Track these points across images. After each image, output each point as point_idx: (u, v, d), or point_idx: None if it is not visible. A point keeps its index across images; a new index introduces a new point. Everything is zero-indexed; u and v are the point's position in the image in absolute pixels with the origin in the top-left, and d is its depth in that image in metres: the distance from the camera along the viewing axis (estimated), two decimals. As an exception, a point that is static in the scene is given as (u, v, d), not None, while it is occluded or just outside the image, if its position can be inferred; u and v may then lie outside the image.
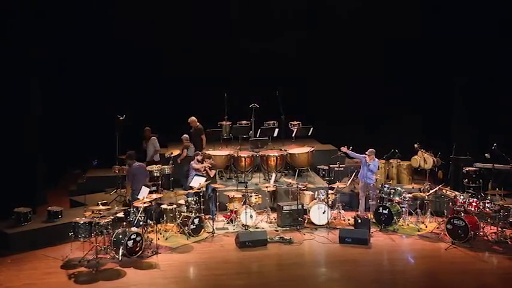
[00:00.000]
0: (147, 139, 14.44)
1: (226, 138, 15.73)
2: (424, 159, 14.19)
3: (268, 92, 15.43)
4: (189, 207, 12.23)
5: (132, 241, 10.83)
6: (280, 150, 15.01)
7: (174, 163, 13.98)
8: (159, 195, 12.16)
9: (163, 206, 12.32)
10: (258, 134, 15.14)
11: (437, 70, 15.44)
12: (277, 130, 15.47)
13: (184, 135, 14.27)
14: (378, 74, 16.43)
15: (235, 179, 14.57)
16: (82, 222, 10.86)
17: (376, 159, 13.05)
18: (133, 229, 10.99)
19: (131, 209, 11.38)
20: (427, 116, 15.92)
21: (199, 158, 12.98)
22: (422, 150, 14.20)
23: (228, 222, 12.81)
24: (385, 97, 16.27)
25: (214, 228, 12.28)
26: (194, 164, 12.90)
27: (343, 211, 13.30)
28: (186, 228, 11.88)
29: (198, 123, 14.37)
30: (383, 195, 12.81)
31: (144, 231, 11.35)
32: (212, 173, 13.13)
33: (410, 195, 12.79)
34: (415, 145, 14.06)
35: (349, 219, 12.99)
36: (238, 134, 15.61)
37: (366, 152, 12.99)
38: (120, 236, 10.88)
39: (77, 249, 11.10)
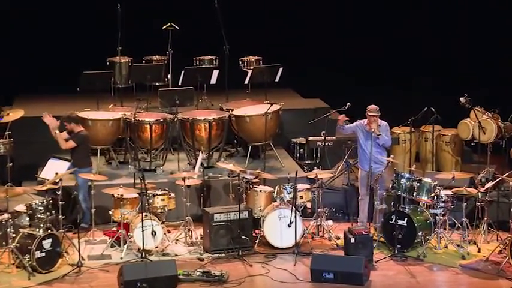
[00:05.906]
0: None
1: (121, 88, 15.90)
2: (480, 125, 14.13)
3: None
4: (35, 219, 12.16)
5: None
6: (222, 110, 15.12)
7: (13, 136, 14.15)
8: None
9: (-17, 217, 12.48)
10: (180, 80, 15.29)
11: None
12: (216, 72, 15.65)
13: None
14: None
15: (132, 164, 14.62)
16: None
17: (384, 123, 13.12)
18: None
19: None
20: (483, 50, 16.99)
21: None
22: (476, 108, 14.10)
23: (113, 245, 12.80)
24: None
25: (82, 256, 12.11)
26: None
27: (329, 222, 13.39)
28: (28, 257, 11.79)
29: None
30: (399, 192, 12.73)
31: None
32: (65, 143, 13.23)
33: (450, 191, 12.73)
34: (462, 99, 13.92)
35: (338, 238, 13.03)
36: (143, 79, 15.66)
37: (367, 112, 12.93)
38: None
39: None
